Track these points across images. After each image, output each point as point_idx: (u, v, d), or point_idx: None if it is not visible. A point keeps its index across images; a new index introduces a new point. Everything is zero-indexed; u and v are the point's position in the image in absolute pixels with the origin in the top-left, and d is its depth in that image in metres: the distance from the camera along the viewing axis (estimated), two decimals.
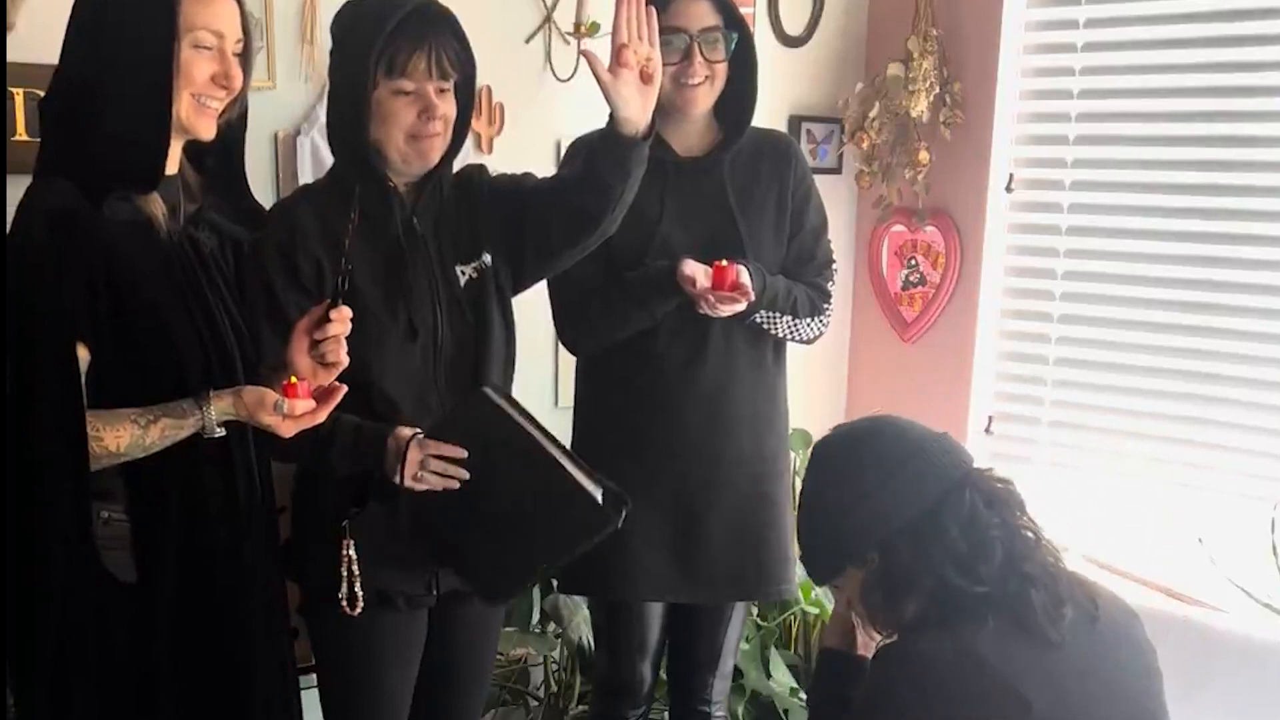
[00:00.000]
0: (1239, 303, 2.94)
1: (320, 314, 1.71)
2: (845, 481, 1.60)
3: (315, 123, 2.46)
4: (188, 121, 1.65)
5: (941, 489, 1.53)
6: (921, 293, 3.41)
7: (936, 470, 1.55)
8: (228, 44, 1.65)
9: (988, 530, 1.52)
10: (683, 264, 2.11)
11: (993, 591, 1.49)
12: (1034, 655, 1.47)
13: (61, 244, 1.56)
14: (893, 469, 1.56)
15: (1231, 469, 2.98)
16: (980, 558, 1.50)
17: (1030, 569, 1.51)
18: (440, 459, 1.84)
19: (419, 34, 1.84)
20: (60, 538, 1.58)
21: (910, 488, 1.54)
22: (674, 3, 2.10)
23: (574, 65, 2.79)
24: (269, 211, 1.94)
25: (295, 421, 1.68)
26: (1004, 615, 1.47)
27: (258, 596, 1.79)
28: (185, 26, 1.60)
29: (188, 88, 1.62)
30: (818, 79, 3.36)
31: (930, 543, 1.51)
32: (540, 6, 2.79)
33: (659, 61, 1.90)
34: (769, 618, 3.05)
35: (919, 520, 1.52)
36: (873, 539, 1.56)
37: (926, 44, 3.16)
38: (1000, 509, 1.55)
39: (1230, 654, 2.60)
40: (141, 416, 1.61)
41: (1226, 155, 2.93)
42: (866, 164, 3.32)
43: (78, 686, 1.62)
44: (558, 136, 2.75)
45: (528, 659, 2.94)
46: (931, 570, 1.51)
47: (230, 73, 1.65)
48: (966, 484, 1.55)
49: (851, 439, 1.65)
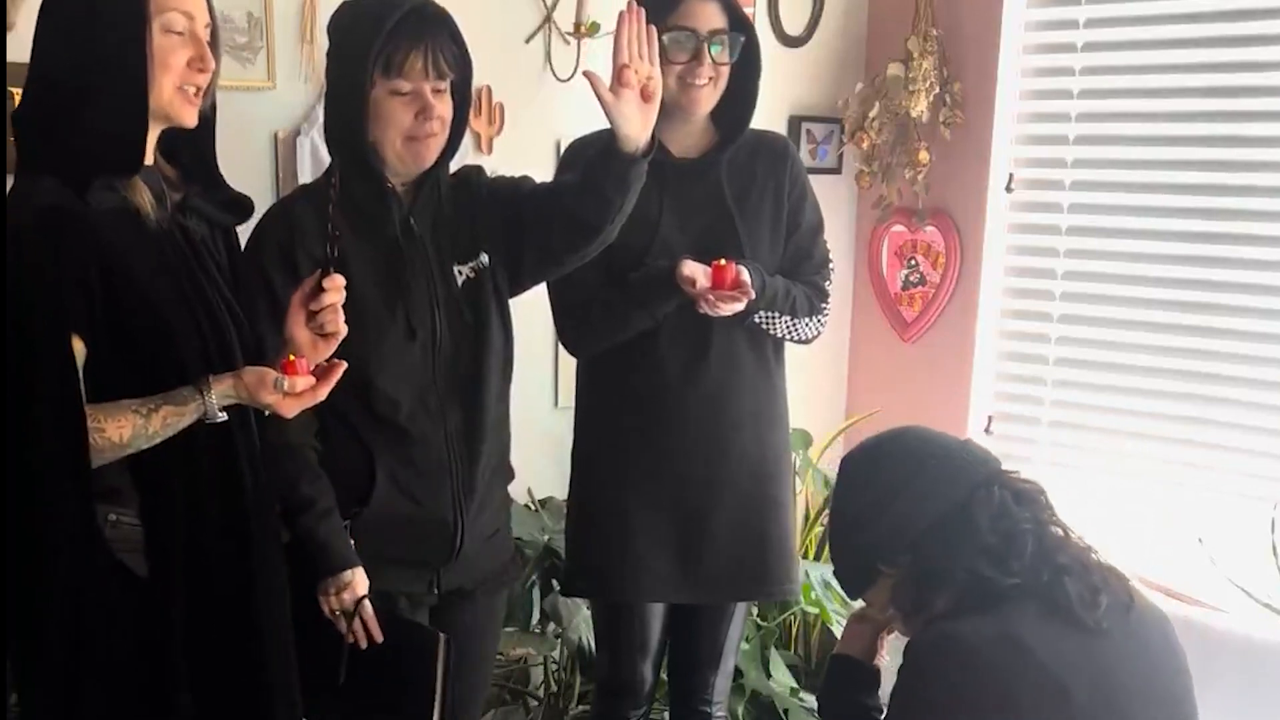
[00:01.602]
0: (1239, 303, 2.94)
1: (314, 284, 1.72)
2: (869, 486, 1.61)
3: (315, 123, 2.46)
4: (171, 109, 1.65)
5: (969, 486, 1.54)
6: (921, 293, 3.41)
7: (962, 468, 1.57)
8: (198, 26, 1.65)
9: (1018, 524, 1.52)
10: (682, 264, 2.11)
11: (1025, 581, 1.49)
12: (1072, 640, 1.46)
13: (53, 241, 1.55)
14: (915, 469, 1.57)
15: (1231, 469, 2.98)
16: (1012, 551, 1.50)
17: (1063, 560, 1.51)
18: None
19: (416, 35, 1.84)
20: (63, 534, 1.58)
21: (936, 486, 1.55)
22: (683, 4, 2.10)
23: (574, 65, 2.79)
24: (268, 210, 1.94)
25: (296, 399, 1.68)
26: (1040, 602, 1.48)
27: (266, 587, 1.78)
28: (156, 9, 1.60)
29: (168, 75, 1.63)
30: (818, 79, 3.36)
31: (960, 537, 1.52)
32: (540, 6, 2.79)
33: (659, 80, 1.90)
34: (769, 618, 3.05)
35: (948, 517, 1.53)
36: (903, 540, 1.56)
37: (926, 44, 3.17)
38: (1029, 505, 1.56)
39: (1230, 654, 2.60)
40: (142, 406, 1.61)
41: (1226, 155, 2.93)
42: (866, 164, 3.32)
43: (81, 684, 1.61)
44: (558, 136, 2.75)
45: (528, 659, 2.94)
46: (963, 564, 1.51)
47: (205, 55, 1.65)
48: (995, 481, 1.56)
49: (874, 447, 1.67)
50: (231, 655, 1.73)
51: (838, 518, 1.71)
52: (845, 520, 1.68)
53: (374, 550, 1.94)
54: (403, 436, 1.94)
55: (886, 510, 1.57)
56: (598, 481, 2.30)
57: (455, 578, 2.04)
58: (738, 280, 2.09)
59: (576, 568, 2.35)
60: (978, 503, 1.53)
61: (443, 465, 1.97)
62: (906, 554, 1.56)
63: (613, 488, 2.26)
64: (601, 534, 2.27)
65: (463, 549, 2.01)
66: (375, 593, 1.94)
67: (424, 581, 2.02)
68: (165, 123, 1.67)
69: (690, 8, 2.10)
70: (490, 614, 2.17)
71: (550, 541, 2.66)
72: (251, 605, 1.74)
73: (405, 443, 1.95)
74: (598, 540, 2.28)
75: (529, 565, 2.60)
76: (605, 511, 2.27)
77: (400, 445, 1.95)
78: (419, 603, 2.03)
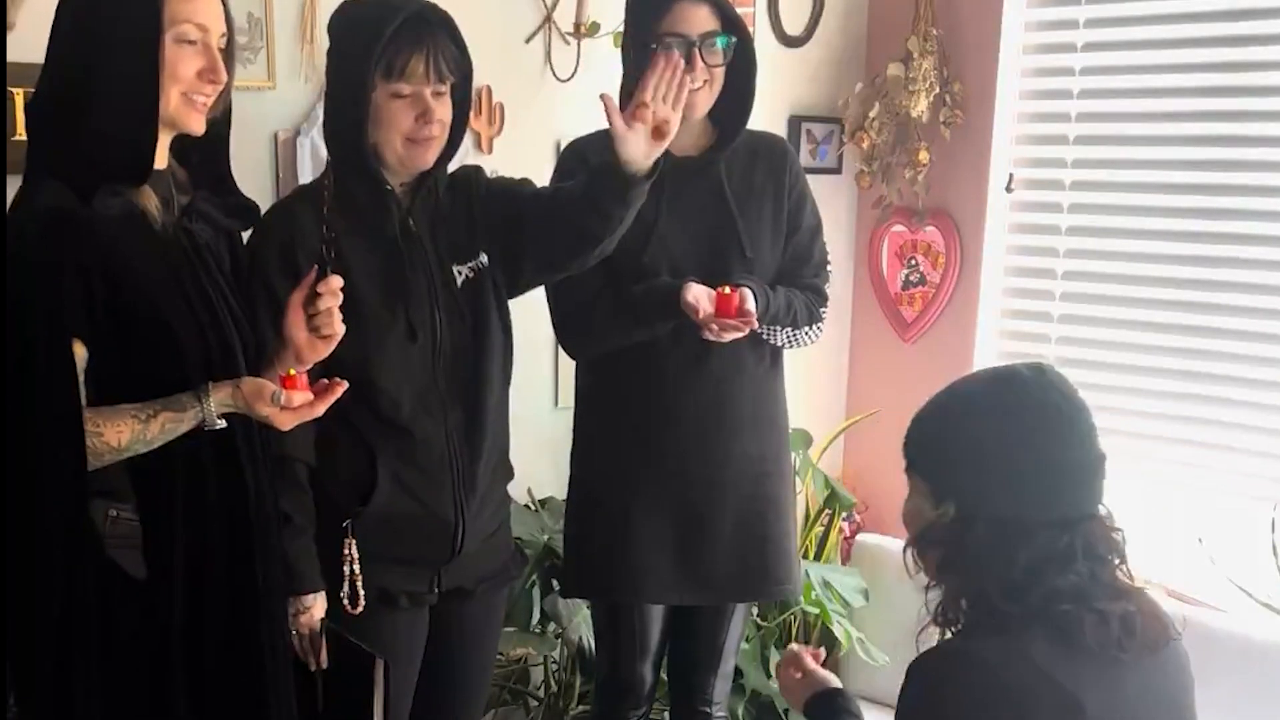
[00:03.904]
0: (1239, 303, 2.93)
1: (311, 285, 1.72)
2: (998, 427, 1.45)
3: (315, 123, 2.46)
4: (178, 117, 1.65)
5: (1051, 516, 1.43)
6: (921, 293, 3.41)
7: (1063, 496, 1.45)
8: (212, 38, 1.65)
9: (1064, 572, 1.42)
10: (686, 290, 2.11)
11: (1032, 611, 1.41)
12: (1089, 666, 1.39)
13: (56, 243, 1.56)
14: (1052, 461, 1.44)
15: (1231, 469, 2.98)
16: (1033, 587, 1.41)
17: (1094, 601, 1.42)
18: None
19: (417, 37, 1.84)
20: (60, 537, 1.58)
21: (1031, 493, 1.43)
22: (675, 8, 2.10)
23: (574, 65, 2.79)
24: (268, 212, 1.94)
25: (293, 414, 1.68)
26: (1052, 629, 1.40)
27: (266, 591, 1.78)
28: (170, 20, 1.60)
29: (176, 84, 1.63)
30: (818, 79, 3.36)
31: (1004, 549, 1.42)
32: (540, 6, 2.79)
33: (677, 124, 1.89)
34: (769, 618, 3.05)
35: (1012, 523, 1.42)
36: (966, 491, 1.45)
37: (926, 44, 3.16)
38: (1094, 562, 1.45)
39: (1230, 654, 2.61)
40: (141, 411, 1.61)
41: (1226, 155, 2.93)
42: (866, 164, 3.32)
43: (79, 687, 1.61)
44: (558, 136, 2.75)
45: (528, 659, 2.93)
46: (986, 578, 1.43)
47: (216, 67, 1.65)
48: (1076, 530, 1.44)
49: (1052, 403, 1.46)
50: (229, 659, 1.73)
51: (959, 397, 1.54)
52: (959, 410, 1.51)
53: (375, 549, 1.94)
54: (404, 436, 1.94)
55: (990, 459, 1.44)
56: (597, 483, 2.30)
57: (455, 577, 2.04)
58: (742, 308, 2.09)
59: (576, 569, 2.35)
60: (1043, 539, 1.42)
61: (444, 464, 1.97)
62: (953, 504, 1.46)
63: (612, 489, 2.26)
64: (601, 535, 2.27)
65: (463, 548, 2.01)
66: (376, 590, 1.95)
67: (424, 580, 2.02)
68: (173, 130, 1.68)
69: (680, 12, 2.10)
70: (491, 613, 2.18)
71: (550, 541, 2.66)
72: (251, 609, 1.74)
73: (407, 442, 1.95)
74: (597, 542, 2.29)
75: (529, 565, 2.60)
76: (605, 512, 2.27)
77: (402, 445, 1.95)
78: (419, 601, 2.03)
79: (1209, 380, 3.00)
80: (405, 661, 2.05)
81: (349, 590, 1.94)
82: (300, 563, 1.89)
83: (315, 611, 1.91)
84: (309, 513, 1.91)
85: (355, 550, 1.93)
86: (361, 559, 1.94)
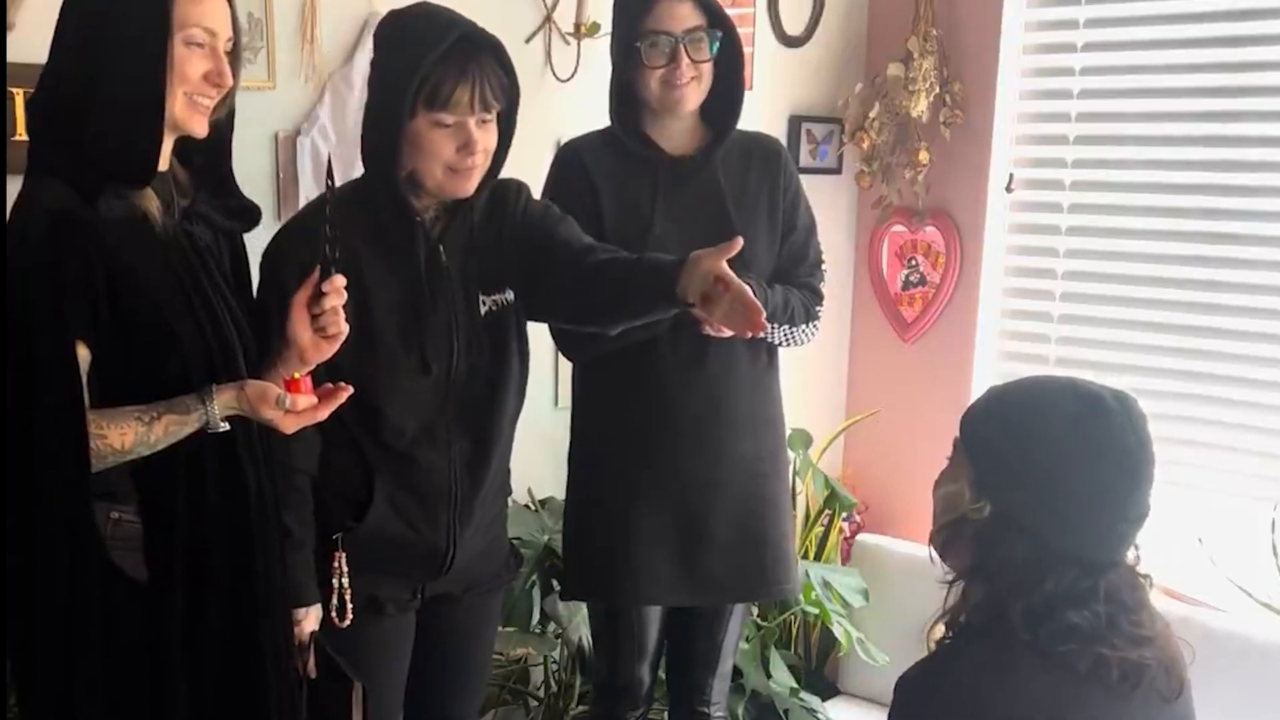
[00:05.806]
0: (1239, 303, 2.94)
1: (315, 285, 1.70)
2: (1071, 455, 1.39)
3: (315, 123, 2.46)
4: (181, 119, 1.65)
5: (1088, 555, 1.39)
6: (921, 293, 3.41)
7: (1106, 540, 1.40)
8: (219, 42, 1.65)
9: (1080, 610, 1.38)
10: None
11: (1040, 644, 1.37)
12: (1087, 697, 1.36)
13: (59, 244, 1.55)
14: (1098, 505, 1.39)
15: (1232, 469, 2.98)
16: (1049, 618, 1.37)
17: (1096, 646, 1.38)
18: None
19: (463, 65, 1.78)
20: (63, 538, 1.57)
21: (1080, 529, 1.39)
22: (657, 6, 2.10)
23: (574, 65, 2.79)
24: (284, 231, 1.92)
25: (297, 417, 1.68)
26: (1051, 664, 1.37)
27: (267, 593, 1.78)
28: (178, 23, 1.60)
29: (181, 85, 1.62)
30: (818, 79, 3.36)
31: (1035, 572, 1.38)
32: (540, 6, 2.79)
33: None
34: (769, 618, 3.05)
35: (1051, 550, 1.38)
36: (1004, 493, 1.41)
37: (926, 44, 3.17)
38: (1115, 607, 1.40)
39: (1230, 654, 2.61)
40: (145, 413, 1.61)
41: (1227, 155, 2.94)
42: (866, 164, 3.32)
43: (80, 688, 1.61)
44: (558, 136, 2.74)
45: (528, 659, 2.93)
46: (1011, 594, 1.39)
47: (223, 70, 1.65)
48: (1104, 573, 1.40)
49: (1130, 450, 1.41)
50: (230, 661, 1.73)
51: (1040, 430, 1.42)
52: (1036, 441, 1.42)
53: (362, 561, 1.93)
54: (406, 461, 1.92)
55: (1054, 482, 1.38)
56: (595, 484, 2.29)
57: (441, 586, 2.03)
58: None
59: (575, 571, 2.35)
60: (1065, 572, 1.38)
61: (442, 493, 1.95)
62: (990, 504, 1.41)
63: (611, 490, 2.26)
64: (600, 537, 2.27)
65: (452, 569, 2.00)
66: (364, 598, 1.94)
67: (408, 589, 2.01)
68: (176, 131, 1.67)
69: (663, 10, 2.10)
70: (482, 615, 2.16)
71: (550, 542, 2.65)
72: (251, 612, 1.74)
73: (407, 467, 1.93)
74: (596, 543, 2.28)
75: (529, 566, 2.59)
76: (604, 514, 2.27)
77: (402, 470, 1.93)
78: (405, 608, 2.02)
79: (1209, 380, 3.00)
80: (395, 657, 2.04)
81: (337, 602, 1.92)
82: (297, 575, 1.87)
83: (307, 625, 1.90)
84: (309, 526, 1.90)
85: (345, 564, 1.92)
86: (350, 571, 1.93)
